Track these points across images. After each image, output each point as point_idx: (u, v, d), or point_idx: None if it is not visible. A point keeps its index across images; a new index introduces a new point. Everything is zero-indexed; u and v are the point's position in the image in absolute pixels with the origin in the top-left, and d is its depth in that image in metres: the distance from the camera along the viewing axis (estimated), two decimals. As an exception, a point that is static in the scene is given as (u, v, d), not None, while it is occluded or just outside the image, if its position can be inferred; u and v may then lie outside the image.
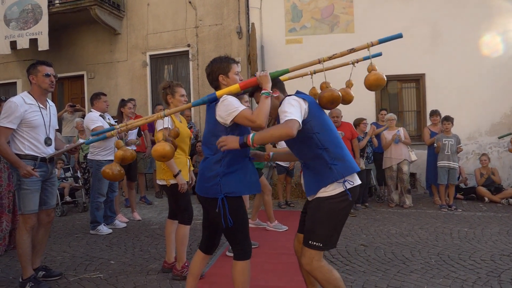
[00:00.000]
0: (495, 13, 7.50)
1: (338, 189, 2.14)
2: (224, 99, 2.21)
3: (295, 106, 2.10)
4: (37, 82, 3.09)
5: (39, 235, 3.22)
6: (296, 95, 2.23)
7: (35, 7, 8.21)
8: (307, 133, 2.16)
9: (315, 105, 2.27)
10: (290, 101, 2.14)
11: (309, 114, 2.18)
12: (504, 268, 3.36)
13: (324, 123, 2.24)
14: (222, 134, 2.24)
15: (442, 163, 6.08)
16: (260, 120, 2.09)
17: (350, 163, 2.22)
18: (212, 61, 2.43)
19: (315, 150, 2.18)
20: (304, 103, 2.18)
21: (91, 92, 8.64)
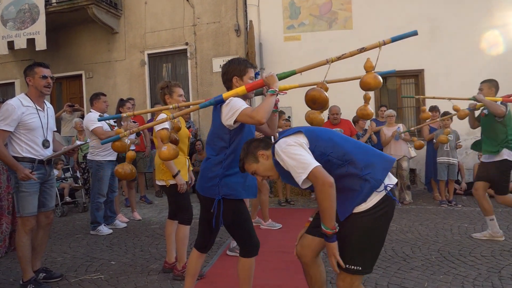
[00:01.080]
0: (493, 8, 7.47)
1: (376, 198, 1.84)
2: (229, 101, 2.22)
3: (300, 151, 1.83)
4: (34, 84, 3.08)
5: (38, 237, 3.22)
6: (285, 137, 1.93)
7: (32, 6, 8.17)
8: (322, 159, 1.86)
9: (309, 127, 2.06)
10: (290, 151, 1.84)
11: (310, 142, 1.92)
12: (504, 263, 3.36)
13: (330, 137, 1.97)
14: (226, 136, 2.27)
15: (442, 159, 6.08)
16: (259, 116, 2.10)
17: (382, 161, 1.93)
18: (230, 61, 2.44)
19: (339, 170, 1.87)
20: (301, 138, 1.92)
21: (89, 91, 8.64)
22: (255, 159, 2.05)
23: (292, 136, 1.93)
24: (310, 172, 1.76)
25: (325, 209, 1.77)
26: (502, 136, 4.03)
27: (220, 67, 8.06)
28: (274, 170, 2.04)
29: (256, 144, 2.09)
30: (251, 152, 2.06)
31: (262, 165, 2.05)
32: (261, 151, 2.06)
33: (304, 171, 1.77)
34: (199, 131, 8.12)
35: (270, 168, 2.05)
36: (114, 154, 4.85)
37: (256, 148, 2.07)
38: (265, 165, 2.05)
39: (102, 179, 4.78)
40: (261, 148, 2.07)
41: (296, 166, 1.81)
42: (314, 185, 1.78)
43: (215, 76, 8.23)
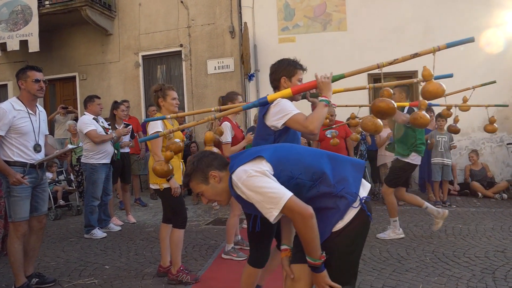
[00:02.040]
0: (486, 8, 7.52)
1: (352, 213, 1.67)
2: (277, 102, 2.16)
3: (265, 183, 1.57)
4: (26, 87, 3.05)
5: (31, 242, 3.19)
6: (243, 165, 1.65)
7: (24, 8, 8.10)
8: (289, 184, 1.63)
9: (271, 149, 1.76)
10: (253, 184, 1.57)
11: (275, 167, 1.65)
12: (498, 264, 3.38)
13: (297, 157, 1.72)
14: (270, 137, 2.20)
15: (436, 160, 6.11)
16: (313, 126, 2.04)
17: (352, 170, 1.75)
18: (279, 61, 2.39)
19: (310, 192, 1.67)
20: (263, 164, 1.65)
21: (83, 93, 8.58)
22: (205, 179, 1.75)
23: (251, 163, 1.65)
24: (283, 206, 1.53)
25: (310, 241, 1.58)
26: (411, 140, 4.23)
27: (215, 69, 8.12)
28: (225, 195, 1.78)
29: (209, 161, 1.77)
30: (201, 170, 1.75)
31: (213, 188, 1.76)
32: (213, 172, 1.75)
33: (275, 206, 1.54)
34: (194, 133, 8.09)
35: (221, 192, 1.76)
36: (109, 157, 4.82)
37: (208, 166, 1.76)
38: (216, 188, 1.75)
39: (96, 182, 4.74)
40: (214, 168, 1.76)
41: (264, 201, 1.56)
42: (292, 219, 1.57)
43: (210, 78, 8.22)
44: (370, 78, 7.82)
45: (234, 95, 3.95)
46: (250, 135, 3.77)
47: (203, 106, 8.24)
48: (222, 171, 1.77)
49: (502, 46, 7.47)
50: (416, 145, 4.24)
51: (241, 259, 3.66)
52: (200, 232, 4.82)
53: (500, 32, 7.49)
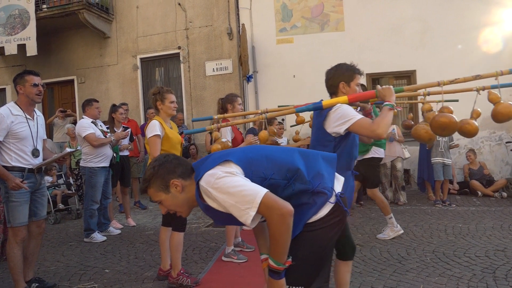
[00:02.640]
0: (484, 6, 7.53)
1: (327, 207, 1.61)
2: (338, 108, 2.13)
3: (237, 182, 1.45)
4: (24, 92, 3.05)
5: (30, 247, 3.18)
6: (210, 170, 1.52)
7: (22, 12, 8.10)
8: (263, 186, 1.49)
9: (238, 152, 1.64)
10: (224, 185, 1.45)
11: (245, 169, 1.54)
12: (498, 264, 3.38)
13: (266, 155, 1.62)
14: (330, 144, 2.17)
15: (437, 160, 6.11)
16: (381, 130, 2.02)
17: (326, 164, 1.69)
18: (337, 66, 2.35)
19: (285, 191, 1.56)
20: (232, 167, 1.53)
21: (81, 97, 8.58)
22: (165, 188, 1.58)
23: (219, 166, 1.52)
24: (260, 203, 1.40)
25: (282, 243, 1.46)
26: None
27: (213, 70, 8.12)
28: (186, 207, 1.64)
29: (171, 168, 1.60)
30: (161, 176, 1.58)
31: (173, 198, 1.60)
32: (175, 180, 1.58)
33: (251, 204, 1.40)
34: (193, 135, 8.08)
35: (182, 203, 1.62)
36: (107, 160, 4.81)
37: (170, 173, 1.59)
38: (177, 199, 1.60)
39: (95, 186, 4.73)
40: (177, 176, 1.59)
41: (238, 202, 1.42)
42: (269, 217, 1.42)
43: (208, 80, 8.22)
44: (368, 78, 7.82)
45: (233, 96, 3.95)
46: (251, 138, 3.76)
47: (202, 108, 8.24)
48: (186, 179, 1.59)
49: (500, 45, 7.48)
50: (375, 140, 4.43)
51: (241, 261, 3.65)
52: (200, 235, 4.81)
53: (498, 31, 7.50)
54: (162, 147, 3.11)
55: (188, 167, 1.63)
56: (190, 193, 1.59)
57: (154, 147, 3.06)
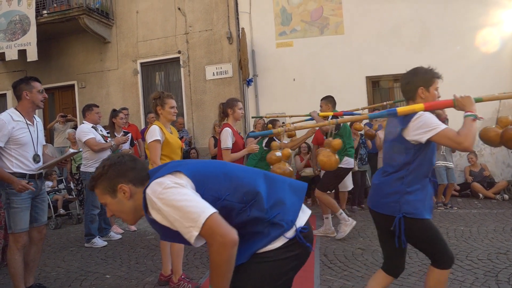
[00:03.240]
0: (484, 8, 7.54)
1: (280, 241, 1.44)
2: (420, 116, 2.06)
3: (184, 195, 1.32)
4: (31, 98, 3.09)
5: (31, 252, 3.17)
6: (159, 178, 1.39)
7: (22, 18, 8.13)
8: (215, 206, 1.35)
9: (193, 163, 1.49)
10: (170, 196, 1.31)
11: (197, 184, 1.40)
12: (501, 267, 3.36)
13: (224, 172, 1.47)
14: (409, 151, 2.10)
15: (439, 163, 6.08)
16: (468, 143, 1.93)
17: (291, 193, 1.52)
18: (414, 70, 2.27)
19: (239, 217, 1.41)
20: (183, 179, 1.39)
21: (82, 101, 8.59)
22: (112, 191, 1.45)
23: (169, 175, 1.39)
24: (203, 224, 1.26)
25: (222, 274, 1.30)
26: (341, 145, 4.44)
27: (213, 74, 8.13)
28: (133, 215, 1.49)
29: (123, 170, 1.45)
30: (110, 178, 1.44)
31: (119, 203, 1.46)
32: (124, 185, 1.44)
33: (195, 223, 1.26)
34: (194, 139, 8.09)
35: (128, 211, 1.47)
36: (108, 165, 4.81)
37: (120, 176, 1.45)
38: (124, 205, 1.46)
39: (95, 191, 4.72)
40: (128, 181, 1.45)
41: (182, 218, 1.28)
42: (209, 243, 1.28)
43: (208, 84, 8.23)
44: (368, 80, 7.83)
45: (234, 101, 3.94)
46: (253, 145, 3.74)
47: (202, 112, 8.25)
48: (136, 186, 1.45)
49: (498, 45, 7.49)
50: (346, 150, 4.53)
51: (242, 266, 3.63)
52: (201, 239, 4.79)
53: (497, 31, 7.51)
54: (162, 152, 3.11)
55: (143, 173, 1.49)
56: (138, 201, 1.43)
57: (154, 152, 3.06)
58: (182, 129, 7.80)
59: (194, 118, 8.31)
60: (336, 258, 3.85)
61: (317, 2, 8.00)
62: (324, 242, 4.43)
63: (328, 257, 3.88)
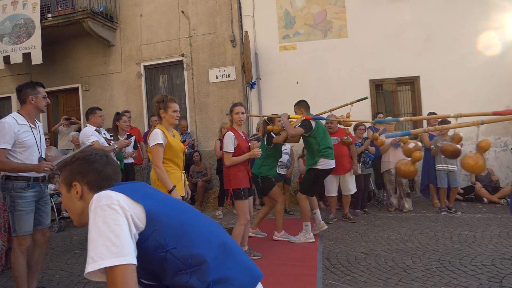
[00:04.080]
0: (487, 11, 7.52)
1: None
2: None
3: (118, 227, 1.12)
4: (36, 103, 3.14)
5: (35, 255, 3.19)
6: (110, 191, 1.22)
7: (27, 21, 8.20)
8: (155, 255, 1.20)
9: (158, 198, 1.32)
10: (107, 215, 1.14)
11: (148, 222, 1.20)
12: (505, 272, 3.33)
13: (182, 220, 1.28)
14: None
15: (440, 166, 6.06)
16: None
17: (244, 275, 1.28)
18: None
19: (176, 278, 1.21)
20: (134, 207, 1.20)
21: (86, 104, 8.63)
22: (68, 184, 1.34)
23: (125, 197, 1.21)
24: (109, 269, 1.08)
25: None
26: (316, 147, 4.63)
27: (217, 77, 8.15)
28: (78, 216, 1.35)
29: (85, 169, 1.34)
30: (71, 171, 1.35)
31: (70, 199, 1.35)
32: (78, 184, 1.32)
33: (99, 259, 1.08)
34: (197, 142, 8.10)
35: (75, 211, 1.35)
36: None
37: (79, 172, 1.33)
38: (73, 203, 1.34)
39: (99, 194, 4.73)
40: (84, 181, 1.33)
41: (97, 244, 1.10)
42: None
43: (212, 87, 8.25)
44: (372, 84, 7.82)
45: (233, 105, 3.96)
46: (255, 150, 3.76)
47: (206, 115, 8.26)
48: (92, 190, 1.31)
49: (501, 49, 7.46)
50: (321, 150, 4.60)
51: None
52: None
53: (500, 35, 7.48)
54: (165, 156, 3.12)
55: (106, 182, 1.34)
56: (87, 206, 1.27)
57: (156, 156, 3.07)
58: (185, 132, 7.81)
59: (197, 121, 8.33)
60: (339, 262, 3.83)
61: (321, 6, 8.01)
62: (327, 246, 4.42)
63: (331, 261, 3.86)
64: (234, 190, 3.70)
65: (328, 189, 5.67)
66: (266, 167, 4.60)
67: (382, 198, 6.84)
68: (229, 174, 3.74)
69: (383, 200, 6.78)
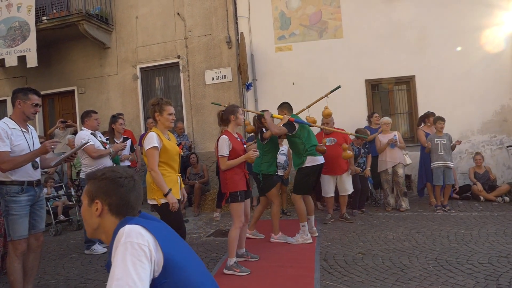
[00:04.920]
0: (482, 11, 7.54)
1: None
2: None
3: (141, 270, 1.18)
4: (22, 108, 3.11)
5: (29, 260, 3.17)
6: (145, 230, 1.27)
7: (22, 24, 8.16)
8: None
9: (183, 249, 1.39)
10: (133, 253, 1.20)
11: (165, 270, 1.26)
12: (502, 271, 3.34)
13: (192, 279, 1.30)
14: None
15: (437, 164, 6.06)
16: None
17: None
18: None
19: None
20: (156, 251, 1.25)
21: (82, 107, 8.61)
22: (91, 199, 1.41)
23: (151, 236, 1.26)
24: None
25: None
26: (301, 147, 4.65)
27: (213, 79, 8.14)
28: (92, 229, 1.42)
29: (110, 190, 1.39)
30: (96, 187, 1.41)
31: (89, 213, 1.41)
32: (100, 203, 1.38)
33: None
34: (194, 144, 8.08)
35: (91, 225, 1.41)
36: (107, 171, 4.79)
37: (104, 192, 1.39)
38: (91, 217, 1.41)
39: (95, 197, 4.71)
40: (106, 202, 1.38)
41: (122, 284, 1.14)
42: None
43: (208, 89, 8.24)
44: (367, 84, 7.83)
45: (236, 107, 3.92)
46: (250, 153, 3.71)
47: (202, 116, 8.25)
48: (111, 212, 1.38)
49: (497, 47, 7.49)
50: (307, 150, 4.61)
51: (244, 274, 3.60)
52: (201, 245, 4.78)
53: (496, 33, 7.51)
54: (160, 159, 3.10)
55: (128, 208, 1.39)
56: (103, 225, 1.38)
57: (152, 159, 3.05)
58: (182, 134, 7.80)
59: (194, 123, 8.32)
60: (337, 263, 3.83)
61: (316, 6, 8.02)
62: (324, 247, 4.42)
63: (328, 262, 3.86)
64: (231, 193, 3.68)
65: (325, 190, 5.67)
66: (266, 164, 4.61)
67: (379, 197, 6.85)
68: (225, 177, 3.72)
69: (380, 199, 6.79)
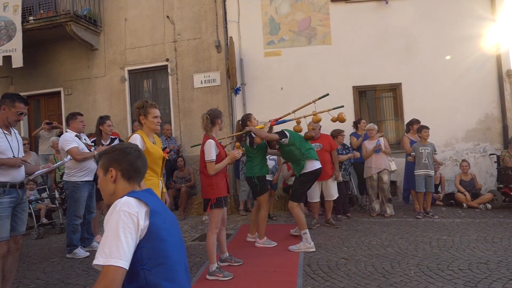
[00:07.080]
0: (468, 20, 7.71)
1: None
2: None
3: (128, 234, 1.37)
4: (6, 113, 3.11)
5: (7, 263, 3.13)
6: (138, 200, 1.47)
7: (8, 24, 8.04)
8: (132, 268, 1.38)
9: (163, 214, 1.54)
10: (119, 223, 1.37)
11: (146, 236, 1.43)
12: (481, 277, 3.40)
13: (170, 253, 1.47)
14: None
15: (420, 172, 6.14)
16: None
17: None
18: None
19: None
20: (138, 223, 1.42)
21: (68, 108, 8.51)
22: (105, 169, 1.61)
23: (143, 207, 1.47)
24: (107, 266, 1.31)
25: None
26: (298, 153, 4.63)
27: (201, 83, 8.14)
28: (109, 197, 1.61)
29: (121, 158, 1.60)
30: (109, 158, 1.62)
31: (105, 181, 1.61)
32: (114, 169, 1.59)
33: (106, 257, 1.32)
34: (181, 147, 8.05)
35: (108, 192, 1.61)
36: (91, 174, 4.74)
37: (116, 161, 1.60)
38: (107, 185, 1.61)
39: (78, 201, 4.66)
40: (119, 168, 1.59)
41: (106, 240, 1.36)
42: (98, 279, 1.32)
43: (196, 92, 8.23)
44: (355, 90, 7.92)
45: (220, 112, 3.94)
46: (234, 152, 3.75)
47: (190, 120, 8.23)
48: (123, 177, 1.59)
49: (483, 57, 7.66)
50: (304, 154, 4.61)
51: (227, 279, 3.58)
52: (185, 249, 4.74)
53: (481, 43, 7.68)
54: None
55: (135, 173, 1.61)
56: (117, 189, 1.59)
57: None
58: (170, 137, 7.76)
59: (182, 126, 8.28)
60: (320, 268, 3.84)
61: (305, 13, 8.10)
62: (308, 252, 4.42)
63: (311, 267, 3.88)
64: (217, 199, 3.67)
65: (310, 195, 5.69)
66: (258, 166, 4.64)
67: (364, 203, 6.91)
68: (211, 183, 3.68)
69: (365, 205, 6.85)
